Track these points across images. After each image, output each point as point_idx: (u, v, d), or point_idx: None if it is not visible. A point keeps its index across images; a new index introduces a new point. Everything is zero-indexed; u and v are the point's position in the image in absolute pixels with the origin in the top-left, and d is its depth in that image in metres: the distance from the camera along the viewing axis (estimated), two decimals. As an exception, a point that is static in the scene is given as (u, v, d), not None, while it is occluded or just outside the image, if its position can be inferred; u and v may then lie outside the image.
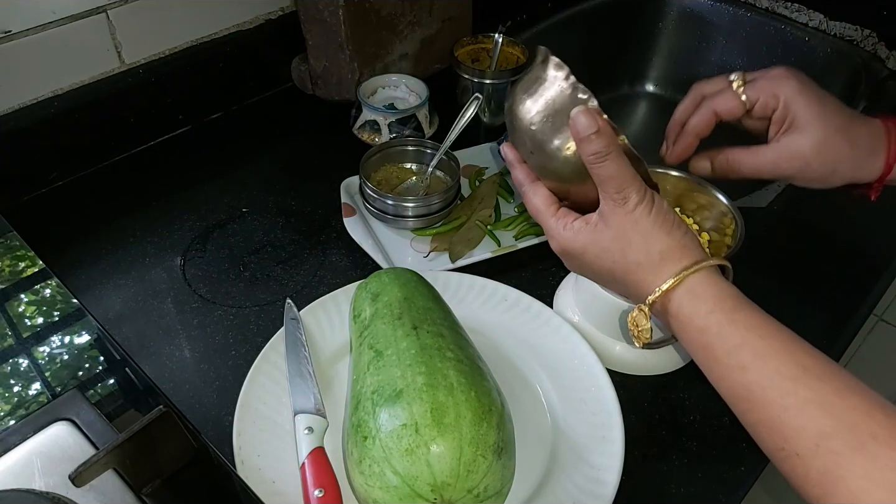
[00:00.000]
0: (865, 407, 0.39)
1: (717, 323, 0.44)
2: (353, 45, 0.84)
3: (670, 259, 0.46)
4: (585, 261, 0.50)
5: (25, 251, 0.62)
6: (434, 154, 0.76)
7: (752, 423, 0.43)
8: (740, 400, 0.44)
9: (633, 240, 0.47)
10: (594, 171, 0.47)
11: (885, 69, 1.00)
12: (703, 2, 1.13)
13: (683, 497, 0.54)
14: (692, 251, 0.47)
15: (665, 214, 0.47)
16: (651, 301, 0.47)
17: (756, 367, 0.42)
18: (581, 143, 0.47)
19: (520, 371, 0.60)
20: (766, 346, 0.43)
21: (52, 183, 0.79)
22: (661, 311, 0.48)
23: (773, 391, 0.41)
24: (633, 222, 0.47)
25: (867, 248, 0.74)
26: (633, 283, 0.48)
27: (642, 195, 0.47)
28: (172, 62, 0.83)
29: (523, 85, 0.51)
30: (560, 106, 0.48)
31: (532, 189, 0.53)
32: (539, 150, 0.50)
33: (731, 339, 0.44)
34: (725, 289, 0.46)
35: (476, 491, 0.44)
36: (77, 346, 0.55)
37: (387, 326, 0.52)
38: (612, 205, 0.47)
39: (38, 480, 0.45)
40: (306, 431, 0.52)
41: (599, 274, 0.51)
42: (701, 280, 0.46)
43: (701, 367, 0.47)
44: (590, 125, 0.46)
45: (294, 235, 0.75)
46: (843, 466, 0.38)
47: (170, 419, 0.46)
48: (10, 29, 0.70)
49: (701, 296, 0.45)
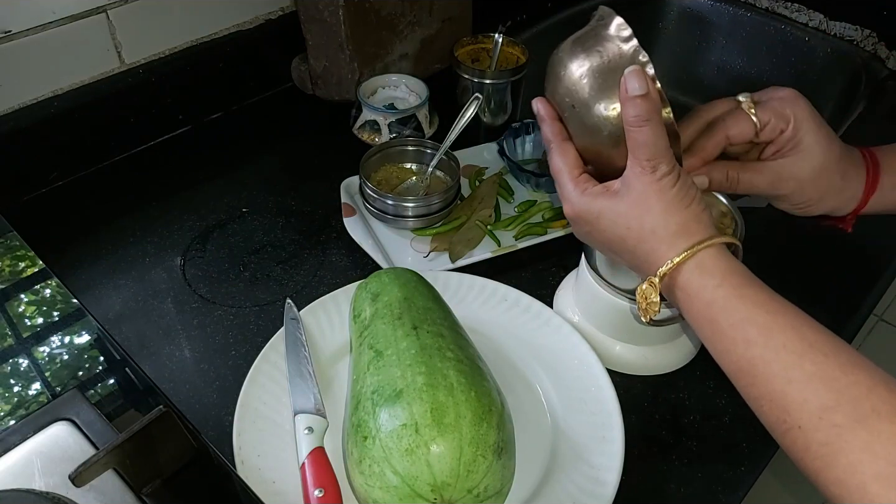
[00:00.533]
0: (869, 382, 0.39)
1: (724, 297, 0.44)
2: (353, 45, 0.84)
3: (685, 232, 0.46)
4: (598, 226, 0.50)
5: (25, 251, 0.62)
6: (434, 154, 0.76)
7: (755, 396, 0.43)
8: (744, 374, 0.44)
9: (654, 208, 0.47)
10: (632, 134, 0.47)
11: (885, 69, 1.00)
12: (703, 2, 1.13)
13: (683, 497, 0.54)
14: (706, 227, 0.47)
15: (688, 189, 0.47)
16: (662, 273, 0.46)
17: (761, 342, 0.42)
18: (626, 104, 0.46)
19: (520, 371, 0.60)
20: (772, 321, 0.43)
21: (52, 183, 0.79)
22: (668, 285, 0.47)
23: (777, 365, 0.42)
24: (658, 191, 0.47)
25: (867, 248, 0.74)
26: (645, 252, 0.48)
27: (671, 167, 0.47)
28: (172, 62, 0.83)
29: (580, 39, 0.50)
30: (615, 65, 0.48)
31: (561, 148, 0.52)
32: (582, 107, 0.49)
33: (737, 313, 0.44)
34: (734, 265, 0.46)
35: (476, 491, 0.44)
36: (77, 346, 0.55)
37: (387, 326, 0.52)
38: (639, 171, 0.47)
39: (38, 480, 0.45)
40: (306, 431, 0.52)
41: (610, 241, 0.50)
42: (711, 255, 0.46)
43: (705, 342, 0.47)
44: (640, 87, 0.46)
45: (294, 235, 0.75)
46: (844, 439, 0.38)
47: (170, 419, 0.46)
48: (10, 29, 0.70)
49: (710, 270, 0.45)
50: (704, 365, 0.63)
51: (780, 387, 0.41)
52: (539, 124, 0.54)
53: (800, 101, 0.54)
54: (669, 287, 0.48)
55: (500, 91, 0.86)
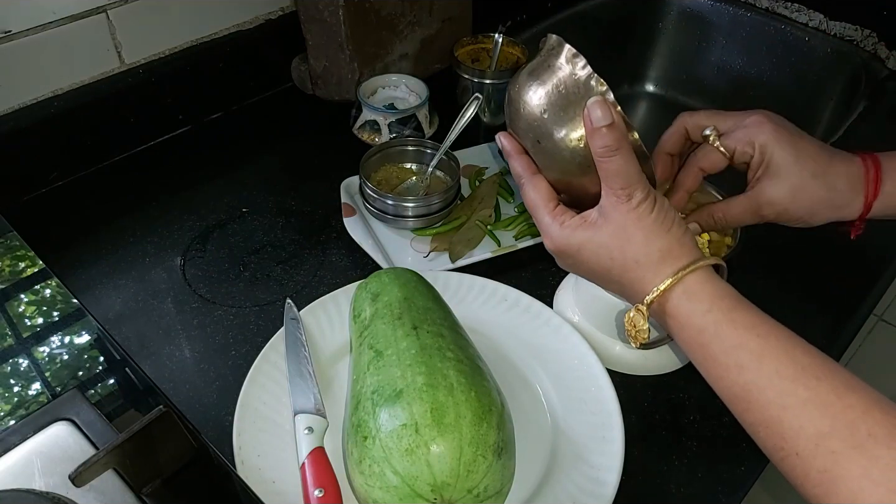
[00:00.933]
0: (863, 405, 0.39)
1: (714, 322, 0.44)
2: (353, 45, 0.84)
3: (669, 257, 0.46)
4: (581, 258, 0.50)
5: (25, 251, 0.62)
6: (434, 154, 0.76)
7: (751, 422, 0.43)
8: (738, 400, 0.44)
9: (634, 237, 0.47)
10: (602, 164, 0.47)
11: (885, 69, 1.00)
12: (703, 2, 1.13)
13: (683, 497, 0.54)
14: (690, 250, 0.47)
15: (666, 212, 0.47)
16: (649, 301, 0.47)
17: (754, 367, 0.42)
18: (593, 136, 0.46)
19: (520, 371, 0.60)
20: (763, 346, 0.43)
21: (52, 183, 0.79)
22: (657, 311, 0.47)
23: (771, 391, 0.42)
24: (636, 219, 0.47)
25: (867, 248, 0.74)
26: (630, 281, 0.48)
27: (646, 193, 0.47)
28: (172, 62, 0.83)
29: (533, 72, 0.50)
30: (574, 95, 0.48)
31: (532, 182, 0.52)
32: (546, 139, 0.49)
33: (728, 338, 0.44)
34: (722, 288, 0.46)
35: (476, 491, 0.44)
36: (77, 346, 0.55)
37: (387, 326, 0.52)
38: (614, 201, 0.47)
39: (38, 480, 0.45)
40: (306, 431, 0.52)
41: (595, 272, 0.50)
42: (698, 279, 0.46)
43: (698, 367, 0.47)
44: (604, 117, 0.46)
45: (294, 235, 0.75)
46: (842, 465, 0.38)
47: (170, 419, 0.46)
48: (10, 29, 0.70)
49: (698, 295, 0.45)
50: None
51: (775, 413, 0.41)
52: (506, 159, 0.54)
53: (765, 125, 0.54)
54: (658, 313, 0.48)
55: (500, 91, 0.86)
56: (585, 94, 0.47)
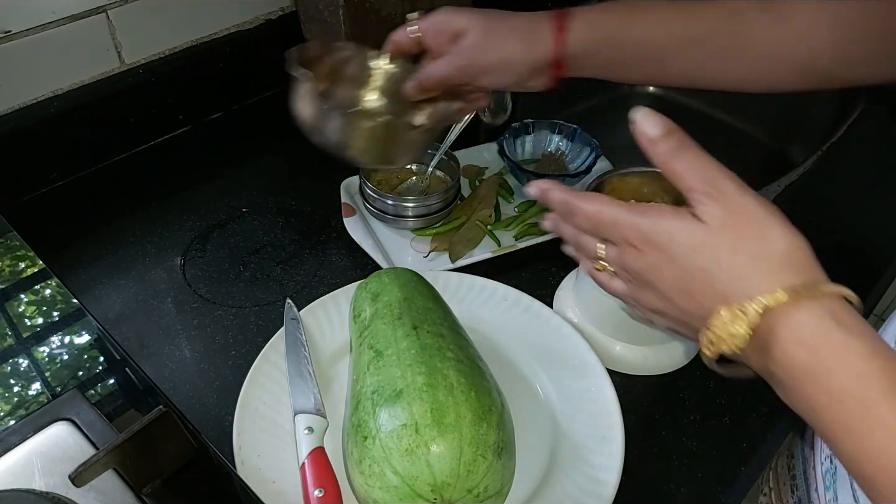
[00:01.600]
0: None
1: (881, 369, 0.33)
2: (353, 45, 0.84)
3: (790, 265, 0.37)
4: (671, 253, 0.39)
5: (25, 251, 0.62)
6: (434, 154, 0.76)
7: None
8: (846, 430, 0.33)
9: (746, 232, 0.37)
10: (670, 167, 0.39)
11: (885, 69, 1.00)
12: (703, 2, 1.13)
13: (683, 497, 0.54)
14: (813, 265, 0.38)
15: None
16: (767, 306, 0.35)
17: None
18: (654, 147, 0.39)
19: (520, 371, 0.60)
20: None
21: (52, 183, 0.79)
22: (765, 332, 0.36)
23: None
24: (747, 213, 0.38)
25: (867, 248, 0.74)
26: (724, 284, 0.37)
27: (738, 182, 0.38)
28: (172, 62, 0.83)
29: (311, 101, 0.60)
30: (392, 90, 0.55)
31: (585, 196, 0.43)
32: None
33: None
34: (865, 324, 0.36)
35: (476, 491, 0.44)
36: (77, 346, 0.55)
37: (387, 326, 0.52)
38: (702, 198, 0.38)
39: (38, 480, 0.45)
40: (306, 431, 0.52)
41: (681, 278, 0.39)
42: (842, 304, 0.36)
43: (819, 423, 0.35)
44: (658, 126, 0.39)
45: (294, 235, 0.75)
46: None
47: (170, 419, 0.46)
48: (10, 29, 0.70)
49: (848, 325, 0.34)
50: (704, 365, 0.62)
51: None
52: (545, 199, 0.46)
53: (461, 10, 0.58)
54: (765, 335, 0.36)
55: (500, 91, 0.86)
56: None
